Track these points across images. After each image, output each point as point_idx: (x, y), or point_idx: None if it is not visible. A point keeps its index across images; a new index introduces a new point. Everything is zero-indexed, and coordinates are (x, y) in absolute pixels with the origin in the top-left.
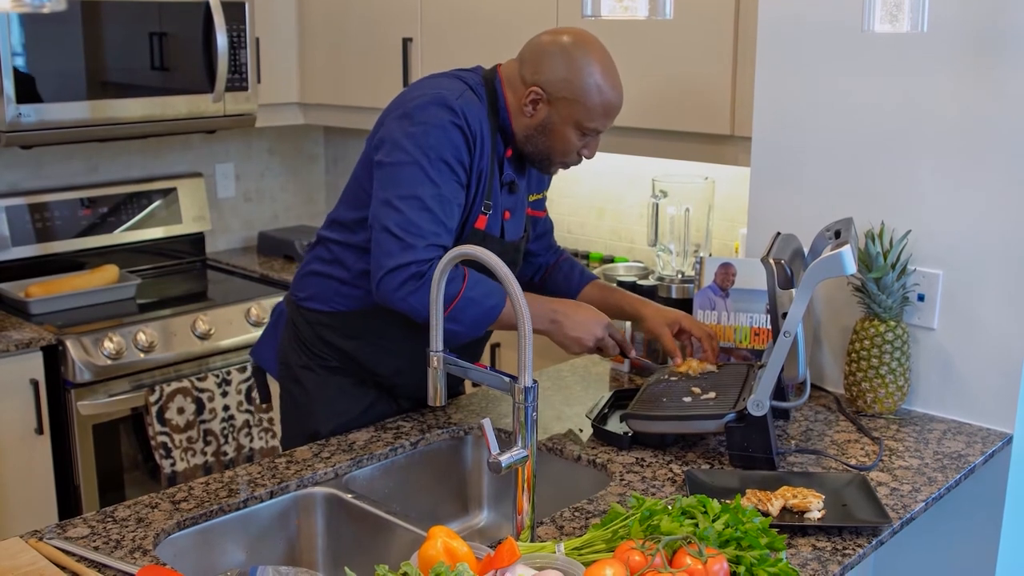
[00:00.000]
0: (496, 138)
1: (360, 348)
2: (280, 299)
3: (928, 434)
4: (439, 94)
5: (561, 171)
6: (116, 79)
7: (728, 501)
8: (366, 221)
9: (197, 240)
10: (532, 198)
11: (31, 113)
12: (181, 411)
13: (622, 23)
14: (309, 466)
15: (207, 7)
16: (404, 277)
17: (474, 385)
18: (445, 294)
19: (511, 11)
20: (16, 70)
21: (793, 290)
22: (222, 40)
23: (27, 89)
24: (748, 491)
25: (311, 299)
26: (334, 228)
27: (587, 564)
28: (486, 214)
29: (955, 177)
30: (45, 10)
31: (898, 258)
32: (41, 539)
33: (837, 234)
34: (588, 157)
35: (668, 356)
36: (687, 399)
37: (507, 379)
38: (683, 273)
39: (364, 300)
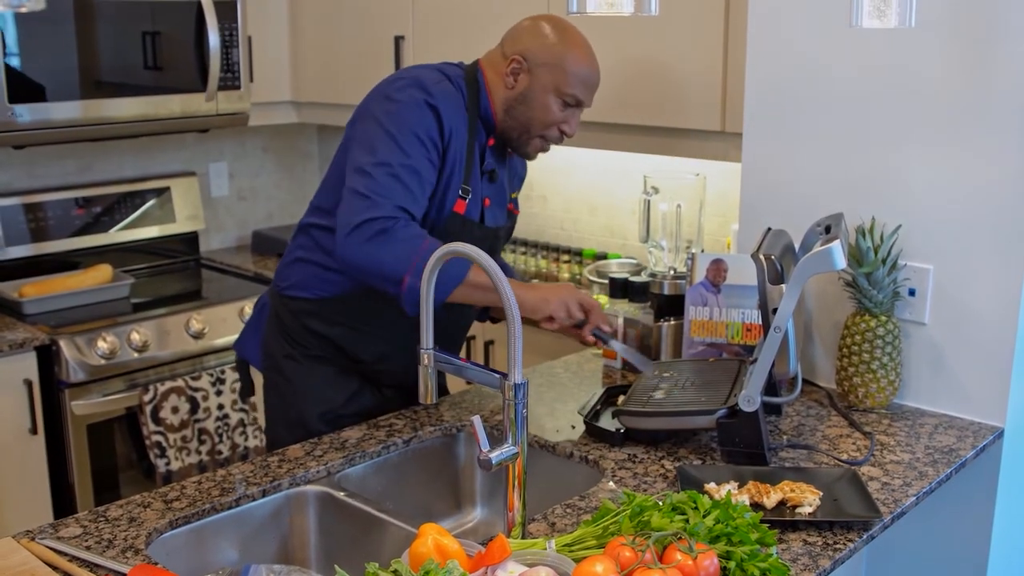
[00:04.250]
0: (476, 126)
1: (343, 335)
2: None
3: (919, 428)
4: (417, 78)
5: (552, 165)
6: (109, 78)
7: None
8: None
9: (191, 239)
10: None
11: (24, 113)
12: (175, 410)
13: (612, 19)
14: (301, 464)
15: (199, 6)
16: (369, 233)
17: (467, 383)
18: (402, 253)
19: (502, 8)
20: (9, 69)
21: (783, 285)
22: (214, 39)
23: (20, 89)
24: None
25: (294, 287)
26: (315, 214)
27: (578, 560)
28: (464, 199)
29: (945, 172)
30: (24, 9)
31: (889, 253)
32: (33, 539)
33: (827, 229)
34: (568, 133)
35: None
36: (679, 395)
37: (497, 376)
38: (675, 269)
39: (346, 285)
